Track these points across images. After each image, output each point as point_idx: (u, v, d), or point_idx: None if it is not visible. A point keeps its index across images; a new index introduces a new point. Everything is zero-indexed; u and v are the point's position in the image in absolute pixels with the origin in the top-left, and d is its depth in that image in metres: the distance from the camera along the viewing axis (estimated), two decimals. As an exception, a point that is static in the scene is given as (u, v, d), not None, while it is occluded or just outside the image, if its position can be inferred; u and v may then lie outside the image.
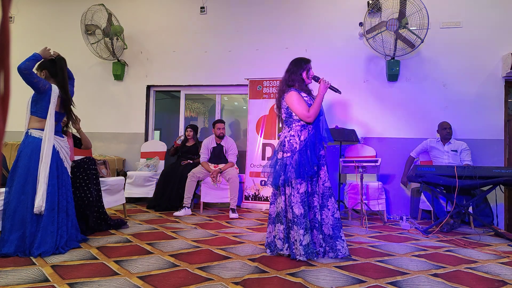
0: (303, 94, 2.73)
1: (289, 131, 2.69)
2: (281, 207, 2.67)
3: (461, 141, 4.27)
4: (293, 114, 2.69)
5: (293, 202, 2.58)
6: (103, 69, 5.71)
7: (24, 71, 2.56)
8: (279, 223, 2.67)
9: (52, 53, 2.83)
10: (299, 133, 2.66)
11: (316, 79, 2.79)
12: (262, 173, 4.77)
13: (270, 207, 2.78)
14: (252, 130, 5.01)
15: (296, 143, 2.63)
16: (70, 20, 5.75)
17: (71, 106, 2.91)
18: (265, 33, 5.25)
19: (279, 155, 2.70)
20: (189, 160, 4.79)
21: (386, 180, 4.73)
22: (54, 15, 5.94)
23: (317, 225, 2.64)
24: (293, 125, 2.69)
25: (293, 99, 2.66)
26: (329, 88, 2.75)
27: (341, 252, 2.62)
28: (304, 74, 2.77)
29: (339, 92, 2.83)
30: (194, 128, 5.06)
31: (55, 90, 2.76)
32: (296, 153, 2.60)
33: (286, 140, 2.67)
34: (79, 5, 5.52)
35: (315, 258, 2.56)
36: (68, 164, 2.88)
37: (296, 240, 2.55)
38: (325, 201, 2.68)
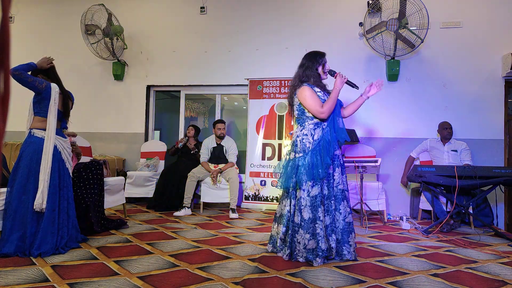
0: (317, 89, 2.57)
1: (301, 130, 2.56)
2: (287, 210, 2.57)
3: (461, 141, 4.27)
4: (306, 111, 2.55)
5: (302, 205, 2.47)
6: (103, 69, 5.71)
7: (15, 72, 2.49)
8: (282, 225, 2.62)
9: (48, 63, 2.79)
10: (312, 131, 2.52)
11: (332, 73, 2.62)
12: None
13: (278, 206, 2.73)
14: (252, 130, 5.01)
15: (310, 142, 2.49)
16: (70, 20, 5.75)
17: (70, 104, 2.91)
18: (265, 33, 5.25)
19: (291, 156, 2.58)
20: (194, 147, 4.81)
21: (386, 180, 4.73)
22: (54, 15, 5.94)
23: (335, 229, 2.53)
24: (306, 123, 2.55)
25: (305, 94, 2.51)
26: (346, 83, 2.58)
27: (346, 257, 2.53)
28: (320, 69, 2.61)
29: (357, 88, 2.62)
30: (197, 129, 5.08)
31: (54, 87, 2.74)
32: (308, 153, 2.47)
33: (298, 139, 2.54)
34: (79, 5, 5.51)
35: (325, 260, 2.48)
36: (69, 165, 2.88)
37: (299, 243, 2.47)
38: (337, 204, 2.55)
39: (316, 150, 2.47)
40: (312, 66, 2.61)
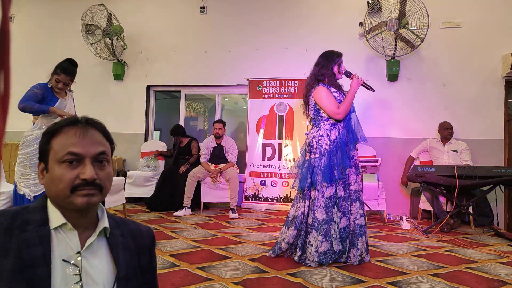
0: (333, 90, 2.55)
1: (317, 131, 2.52)
2: (301, 212, 2.51)
3: (461, 141, 4.27)
4: (321, 111, 2.52)
5: (316, 206, 2.43)
6: (103, 69, 5.71)
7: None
8: (293, 228, 2.53)
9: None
10: (329, 132, 2.48)
11: (348, 74, 2.60)
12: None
13: (290, 209, 2.64)
14: (252, 130, 5.01)
15: (326, 143, 2.45)
16: (70, 20, 5.75)
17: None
18: (265, 33, 5.25)
19: (306, 156, 2.54)
20: (186, 164, 4.70)
21: (386, 180, 4.72)
22: (54, 15, 5.94)
23: (350, 231, 2.50)
24: (322, 124, 2.52)
25: (321, 94, 2.48)
26: (362, 85, 2.55)
27: (350, 260, 2.47)
28: (335, 69, 2.59)
29: (373, 90, 2.61)
30: (180, 131, 4.94)
31: None
32: (325, 154, 2.43)
33: (314, 140, 2.50)
34: (79, 5, 5.51)
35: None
36: None
37: (312, 245, 2.41)
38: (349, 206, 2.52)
39: (333, 151, 2.44)
40: (328, 65, 2.59)
